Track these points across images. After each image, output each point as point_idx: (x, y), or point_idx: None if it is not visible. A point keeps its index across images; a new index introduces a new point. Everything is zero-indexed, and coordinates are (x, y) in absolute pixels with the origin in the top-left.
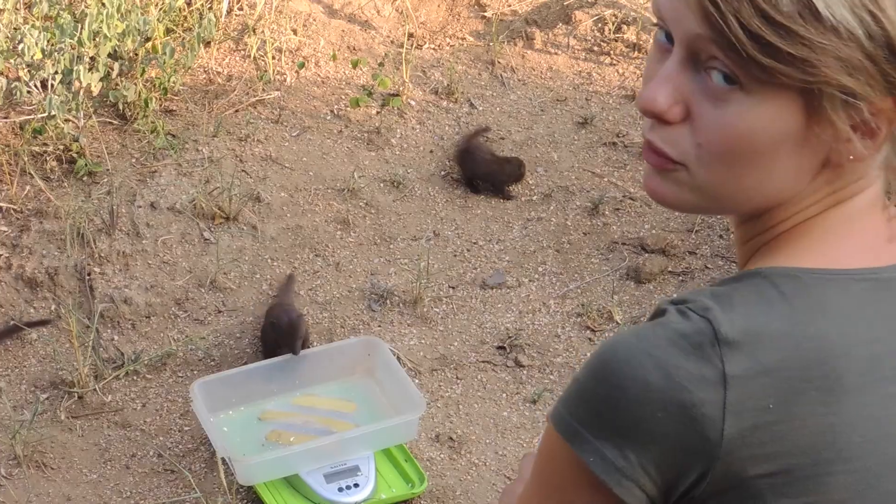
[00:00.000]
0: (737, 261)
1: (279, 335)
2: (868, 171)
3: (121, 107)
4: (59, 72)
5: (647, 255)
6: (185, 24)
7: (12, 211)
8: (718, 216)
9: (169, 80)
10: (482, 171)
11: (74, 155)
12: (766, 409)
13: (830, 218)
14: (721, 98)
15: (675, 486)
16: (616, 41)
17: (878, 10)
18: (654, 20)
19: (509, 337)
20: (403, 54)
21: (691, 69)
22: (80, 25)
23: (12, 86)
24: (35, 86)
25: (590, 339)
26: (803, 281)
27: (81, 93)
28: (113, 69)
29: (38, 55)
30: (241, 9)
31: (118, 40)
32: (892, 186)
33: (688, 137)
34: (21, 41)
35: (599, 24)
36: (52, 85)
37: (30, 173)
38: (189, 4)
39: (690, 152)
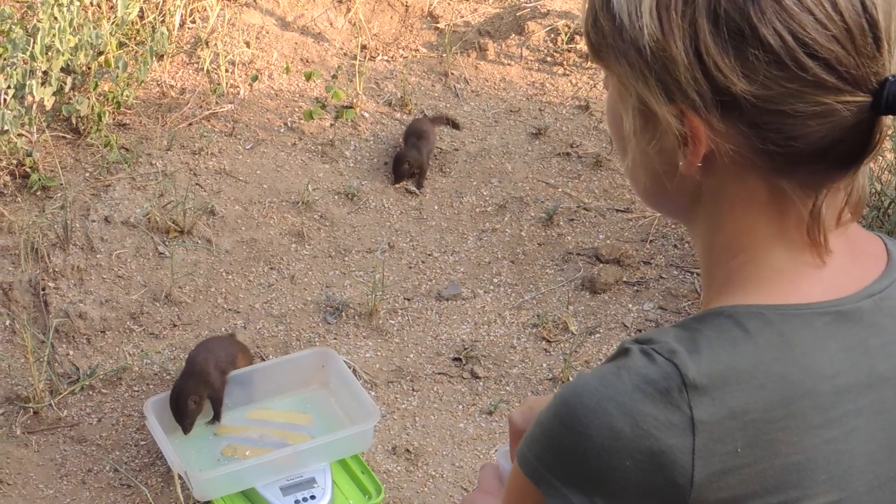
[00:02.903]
0: (701, 284)
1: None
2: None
3: (74, 121)
4: (12, 86)
5: (601, 265)
6: (138, 38)
7: None
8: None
9: (122, 94)
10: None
11: (28, 169)
12: (735, 453)
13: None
14: (605, 83)
15: None
16: (569, 52)
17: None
18: None
19: (465, 348)
20: (357, 66)
21: None
22: (32, 40)
23: None
24: None
25: (545, 349)
26: (767, 318)
27: (34, 107)
28: (66, 83)
29: None
30: (193, 22)
31: (71, 54)
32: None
33: None
34: None
35: (552, 35)
36: (5, 100)
37: None
38: (141, 18)
39: None
